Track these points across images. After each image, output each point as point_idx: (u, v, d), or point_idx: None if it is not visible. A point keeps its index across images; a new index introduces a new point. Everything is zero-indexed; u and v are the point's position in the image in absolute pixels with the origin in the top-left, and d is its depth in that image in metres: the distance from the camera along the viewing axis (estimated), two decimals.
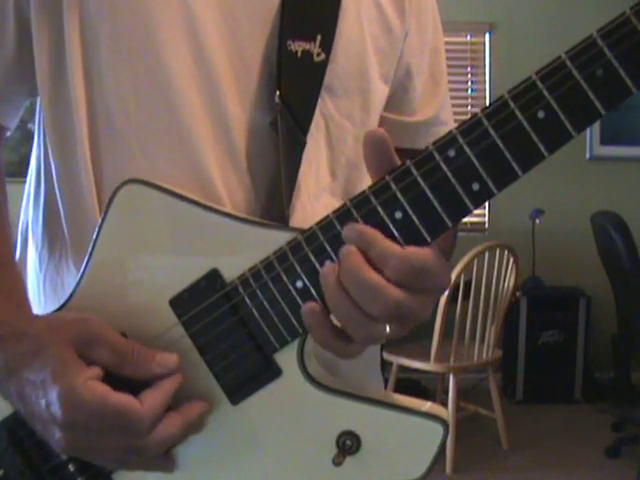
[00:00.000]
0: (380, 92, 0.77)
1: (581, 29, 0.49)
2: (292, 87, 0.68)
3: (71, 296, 0.65)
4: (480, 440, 3.29)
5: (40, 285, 0.74)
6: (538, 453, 3.19)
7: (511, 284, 3.10)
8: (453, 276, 2.86)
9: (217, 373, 0.62)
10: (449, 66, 0.87)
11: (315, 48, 0.69)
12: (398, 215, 0.55)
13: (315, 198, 0.72)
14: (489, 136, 0.53)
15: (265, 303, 0.60)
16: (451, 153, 0.54)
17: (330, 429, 0.61)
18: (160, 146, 0.67)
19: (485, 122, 0.53)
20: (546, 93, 0.51)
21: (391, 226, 0.55)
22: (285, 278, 0.59)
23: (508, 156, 0.53)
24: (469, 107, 4.18)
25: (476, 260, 2.93)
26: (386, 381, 3.19)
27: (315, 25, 0.70)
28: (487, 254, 2.99)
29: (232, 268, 0.60)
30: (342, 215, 0.57)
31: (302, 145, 0.69)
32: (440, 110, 0.85)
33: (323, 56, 0.69)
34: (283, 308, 0.59)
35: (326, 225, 0.57)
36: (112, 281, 0.64)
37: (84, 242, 0.68)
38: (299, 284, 0.58)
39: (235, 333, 0.61)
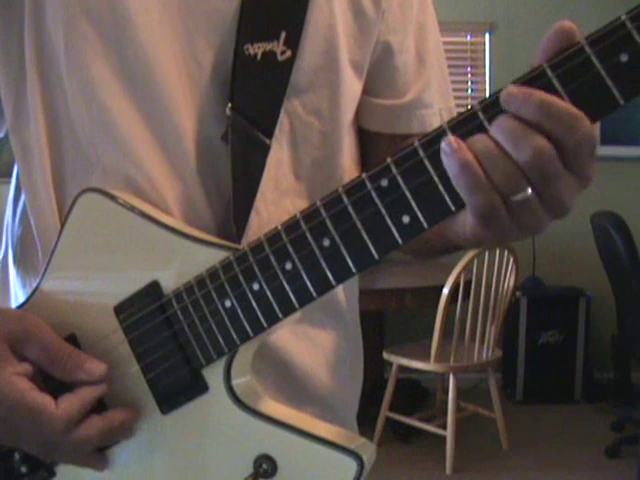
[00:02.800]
0: (350, 81, 0.73)
1: (581, 30, 0.48)
2: (251, 94, 0.65)
3: (31, 296, 0.68)
4: (480, 440, 3.29)
5: (14, 281, 0.76)
6: (538, 453, 3.19)
7: (511, 284, 3.10)
8: (453, 276, 2.86)
9: (150, 381, 0.64)
10: (449, 66, 0.84)
11: (279, 47, 0.66)
12: (326, 243, 0.54)
13: (274, 203, 0.70)
14: (424, 167, 0.50)
15: (195, 319, 0.61)
16: (384, 182, 0.51)
17: (249, 450, 0.61)
18: (111, 156, 0.67)
19: (421, 152, 0.50)
20: (486, 124, 0.48)
21: (317, 253, 0.55)
22: (215, 296, 0.60)
23: (442, 189, 0.50)
24: (469, 107, 4.17)
25: (476, 260, 2.93)
26: (386, 381, 3.20)
27: (279, 21, 0.66)
28: (487, 254, 2.98)
29: (170, 281, 0.62)
30: (272, 238, 0.57)
31: (266, 150, 0.67)
32: (424, 92, 0.78)
33: (289, 53, 0.66)
34: (211, 325, 0.60)
35: (256, 247, 0.58)
36: (66, 284, 0.67)
37: (47, 249, 0.69)
38: (227, 304, 0.59)
39: (167, 344, 0.62)
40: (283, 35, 0.66)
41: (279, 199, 0.70)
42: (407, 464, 3.02)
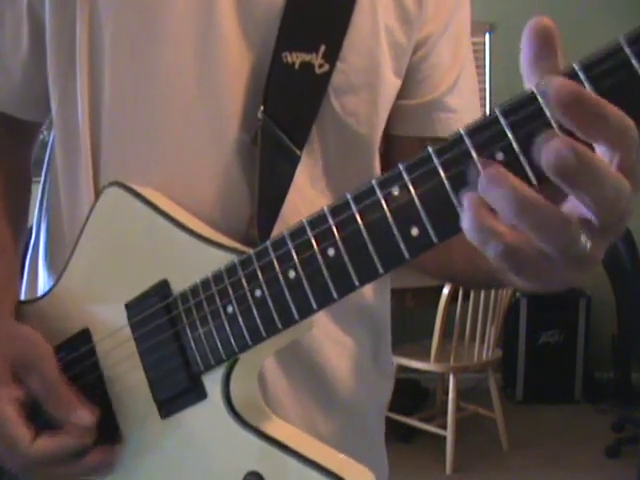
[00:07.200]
0: (391, 86, 0.72)
1: (581, 30, 0.46)
2: (285, 101, 0.65)
3: (52, 288, 0.69)
4: (480, 440, 3.29)
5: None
6: (538, 453, 3.19)
7: None
8: None
9: (151, 381, 0.63)
10: None
11: (317, 60, 0.65)
12: (331, 252, 0.50)
13: (310, 202, 0.69)
14: (437, 175, 0.45)
15: (197, 322, 0.59)
16: (395, 190, 0.47)
17: (240, 465, 0.58)
18: (154, 150, 0.67)
19: (435, 159, 0.45)
20: (508, 131, 0.42)
21: (321, 262, 0.51)
22: (218, 300, 0.58)
23: (454, 201, 0.44)
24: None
25: None
26: None
27: (319, 34, 0.66)
28: None
29: (179, 282, 0.61)
30: (276, 243, 0.54)
31: (295, 158, 0.66)
32: (446, 94, 0.75)
33: (326, 67, 0.65)
34: (211, 329, 0.58)
35: (260, 252, 0.55)
36: (85, 278, 0.68)
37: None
38: (229, 308, 0.57)
39: (169, 345, 0.61)
40: (322, 49, 0.65)
41: (314, 199, 0.69)
42: (407, 464, 3.02)
